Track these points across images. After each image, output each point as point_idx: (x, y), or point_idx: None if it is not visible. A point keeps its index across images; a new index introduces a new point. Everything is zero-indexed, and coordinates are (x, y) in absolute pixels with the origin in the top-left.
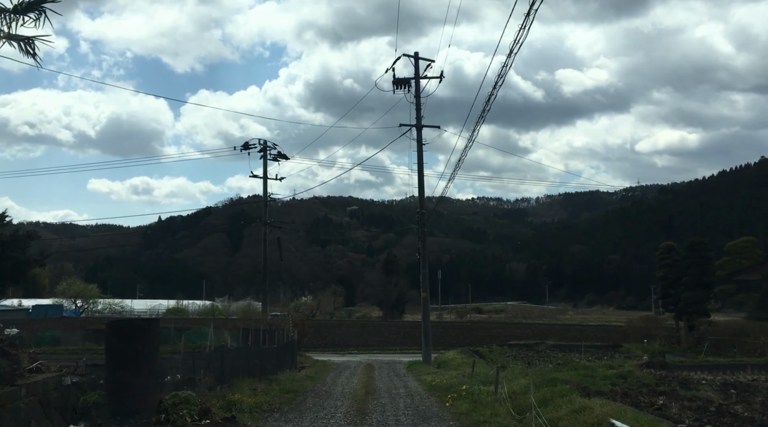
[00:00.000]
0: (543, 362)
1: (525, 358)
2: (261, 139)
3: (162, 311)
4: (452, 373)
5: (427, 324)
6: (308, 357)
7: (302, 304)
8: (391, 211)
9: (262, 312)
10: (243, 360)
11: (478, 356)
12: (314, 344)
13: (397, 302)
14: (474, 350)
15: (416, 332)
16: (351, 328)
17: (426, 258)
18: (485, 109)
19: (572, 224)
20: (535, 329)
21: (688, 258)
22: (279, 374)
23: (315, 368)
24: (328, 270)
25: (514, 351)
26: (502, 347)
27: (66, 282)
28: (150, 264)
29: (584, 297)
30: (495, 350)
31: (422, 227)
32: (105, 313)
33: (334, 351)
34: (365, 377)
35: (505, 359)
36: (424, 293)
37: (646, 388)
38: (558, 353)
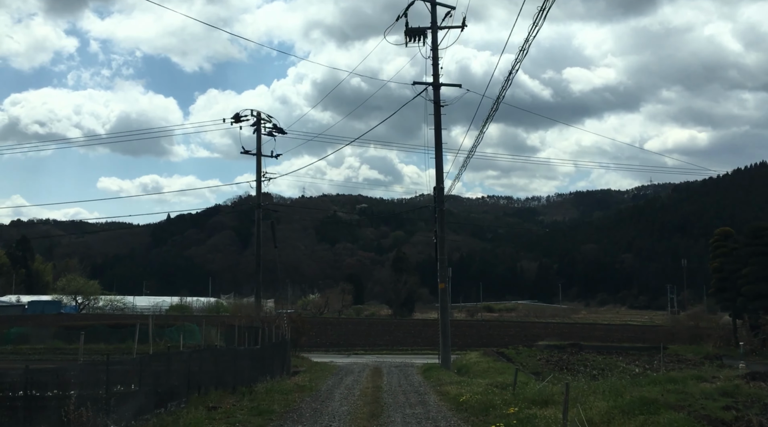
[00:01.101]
0: (584, 367)
1: (559, 362)
2: (253, 111)
3: (165, 308)
4: (481, 382)
5: (446, 321)
6: (306, 359)
7: (310, 302)
8: (401, 209)
9: (255, 307)
10: (211, 365)
11: (504, 359)
12: (317, 343)
13: (406, 300)
14: (498, 352)
15: (428, 331)
16: (358, 326)
17: (444, 243)
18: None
19: (584, 222)
20: (556, 329)
21: (750, 246)
22: (262, 382)
23: (312, 372)
24: (337, 268)
25: (545, 354)
26: (530, 348)
27: (66, 278)
28: (159, 262)
29: (596, 296)
30: (522, 351)
31: (440, 205)
32: (106, 310)
33: (339, 351)
34: (371, 386)
35: (536, 363)
36: (442, 283)
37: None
38: (597, 356)
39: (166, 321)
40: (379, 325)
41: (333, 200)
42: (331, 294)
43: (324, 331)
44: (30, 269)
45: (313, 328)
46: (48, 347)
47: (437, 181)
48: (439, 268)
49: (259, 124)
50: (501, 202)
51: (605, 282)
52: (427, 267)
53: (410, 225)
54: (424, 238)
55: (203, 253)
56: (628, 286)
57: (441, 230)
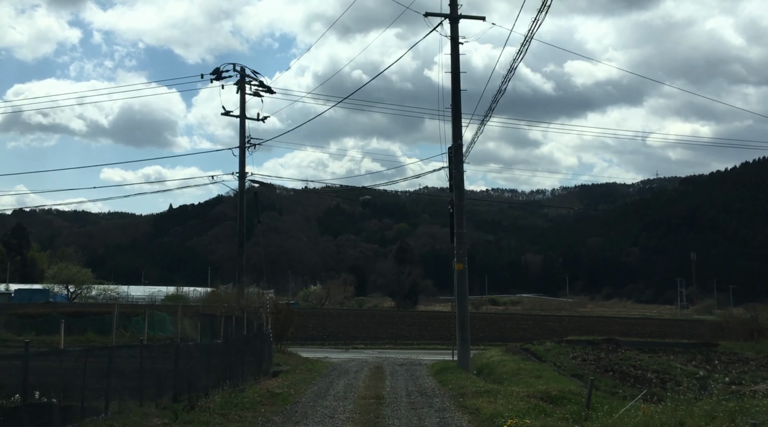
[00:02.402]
0: (634, 369)
1: (599, 361)
2: (236, 65)
3: (161, 297)
4: (518, 392)
5: (464, 311)
6: (293, 355)
7: (311, 293)
8: (404, 201)
9: (237, 294)
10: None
11: (533, 358)
12: (314, 336)
13: (410, 292)
14: (522, 348)
15: (434, 323)
16: (359, 318)
17: (462, 213)
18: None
19: (589, 216)
20: (573, 323)
21: None
22: (222, 389)
23: (296, 373)
24: (340, 260)
25: (578, 350)
26: (559, 344)
27: (58, 266)
28: (160, 252)
29: (601, 290)
30: (550, 348)
31: (458, 166)
32: (99, 299)
33: (336, 345)
34: (369, 395)
35: (572, 363)
36: (459, 263)
37: None
38: (640, 355)
39: (134, 310)
40: (381, 317)
41: (336, 192)
42: (333, 285)
43: (323, 323)
44: (25, 257)
45: (309, 319)
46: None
47: (454, 137)
48: (456, 245)
49: (243, 82)
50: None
51: (611, 276)
52: (431, 259)
53: (414, 217)
54: (428, 230)
55: (205, 244)
56: (634, 280)
57: (458, 197)
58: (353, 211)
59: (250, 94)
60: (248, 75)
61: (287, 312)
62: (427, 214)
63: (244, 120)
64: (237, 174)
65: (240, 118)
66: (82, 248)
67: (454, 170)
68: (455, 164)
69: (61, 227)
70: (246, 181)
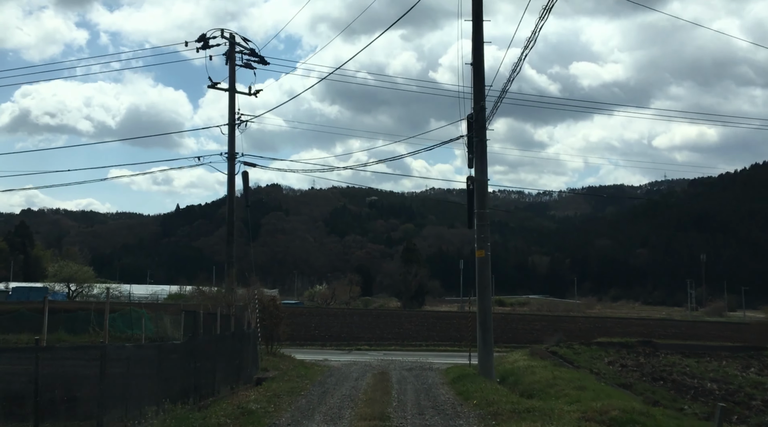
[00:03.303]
0: (687, 377)
1: (641, 367)
2: (225, 31)
3: (164, 296)
4: (567, 410)
5: (486, 307)
6: (287, 357)
7: (316, 293)
8: (411, 202)
9: (226, 289)
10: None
11: (565, 363)
12: (315, 336)
13: (417, 293)
14: (549, 351)
15: (442, 324)
16: (364, 318)
17: (486, 190)
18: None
19: (597, 217)
20: (591, 324)
21: None
22: (178, 405)
23: (286, 379)
24: (346, 261)
25: (612, 354)
26: (589, 346)
27: (58, 264)
28: (167, 252)
29: (609, 292)
30: (580, 350)
31: (479, 133)
32: (101, 298)
33: (339, 346)
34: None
35: (610, 369)
36: (481, 250)
37: None
38: (684, 359)
39: (114, 307)
40: (387, 317)
41: (343, 193)
42: (339, 285)
43: (325, 323)
44: (29, 255)
45: (311, 319)
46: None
47: (475, 98)
48: (477, 227)
49: (233, 51)
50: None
51: (618, 277)
52: (437, 260)
53: (420, 218)
54: (435, 231)
55: (211, 244)
56: (642, 281)
57: (480, 171)
58: (359, 212)
59: (240, 65)
60: (238, 43)
61: (274, 308)
62: (433, 215)
63: (234, 94)
64: (226, 154)
65: (229, 91)
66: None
67: (475, 138)
68: (476, 131)
69: (69, 227)
70: (236, 163)
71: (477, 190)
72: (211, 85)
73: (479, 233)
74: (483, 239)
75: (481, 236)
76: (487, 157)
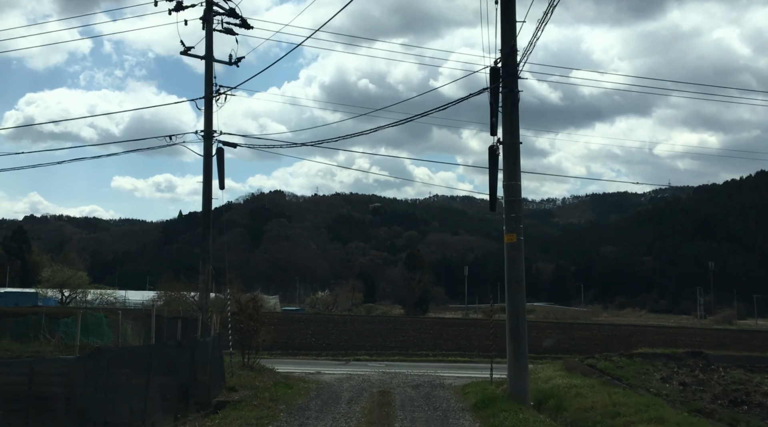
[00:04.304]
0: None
1: (703, 384)
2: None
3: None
4: None
5: (518, 306)
6: (268, 371)
7: (318, 299)
8: (414, 209)
9: (199, 291)
10: None
11: (614, 380)
12: (312, 344)
13: (420, 300)
14: (587, 364)
15: (450, 332)
16: (365, 325)
17: (517, 154)
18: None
19: (601, 224)
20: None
21: None
22: None
23: (256, 403)
24: (349, 268)
25: (661, 368)
26: (630, 358)
27: (51, 269)
28: (169, 259)
29: (614, 300)
30: (623, 364)
31: (509, 82)
32: (95, 303)
33: (335, 355)
34: None
35: (671, 388)
36: (511, 234)
37: None
38: (749, 375)
39: (69, 311)
40: (389, 323)
41: (346, 199)
42: (341, 292)
43: (324, 329)
44: (26, 260)
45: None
46: None
47: (504, 38)
48: (506, 203)
49: (210, 12)
50: None
51: (624, 285)
52: (441, 267)
53: (424, 225)
54: (438, 238)
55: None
56: (648, 289)
57: (511, 131)
58: (363, 219)
59: (219, 30)
60: (216, 3)
61: (253, 311)
62: (437, 222)
63: (211, 62)
64: (202, 133)
65: (205, 59)
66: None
67: (503, 89)
68: (504, 80)
69: (72, 233)
70: (214, 143)
71: (506, 155)
72: (184, 50)
73: (509, 212)
74: (514, 219)
75: (511, 216)
76: (518, 114)
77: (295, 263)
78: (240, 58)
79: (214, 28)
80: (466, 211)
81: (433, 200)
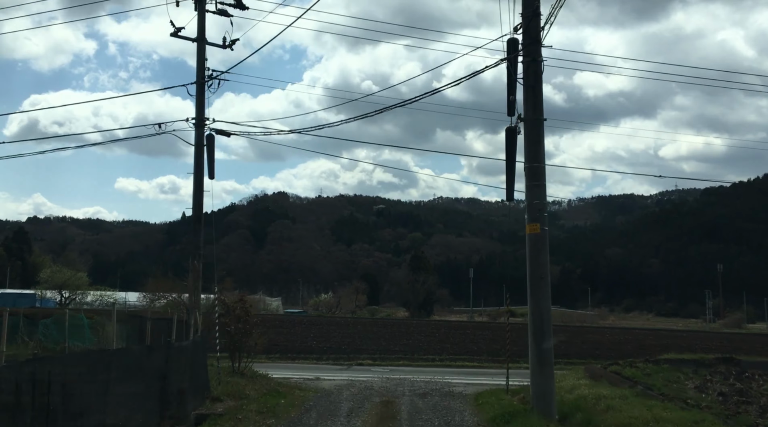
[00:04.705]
0: None
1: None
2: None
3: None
4: None
5: (542, 306)
6: (261, 378)
7: (321, 301)
8: (418, 211)
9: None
10: None
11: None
12: (312, 347)
13: (425, 302)
14: (612, 372)
15: (458, 334)
16: (369, 327)
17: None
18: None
19: (607, 227)
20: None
21: None
22: None
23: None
24: (353, 269)
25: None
26: (657, 364)
27: (50, 269)
28: (172, 260)
29: (621, 302)
30: (650, 371)
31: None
32: (95, 305)
33: (337, 360)
34: None
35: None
36: (534, 224)
37: None
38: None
39: (51, 312)
40: (394, 326)
41: (350, 201)
42: (344, 294)
43: (325, 333)
44: (27, 261)
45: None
46: None
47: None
48: (528, 189)
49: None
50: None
51: (631, 288)
52: (445, 269)
53: (428, 227)
54: (442, 240)
55: (217, 252)
56: (655, 292)
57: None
58: (367, 221)
59: (213, 11)
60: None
61: (242, 312)
62: (441, 224)
63: (204, 45)
64: (193, 120)
65: (197, 41)
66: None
67: (525, 59)
68: (526, 48)
69: (75, 235)
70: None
71: (528, 134)
72: (174, 32)
73: (531, 198)
74: (537, 207)
75: (533, 203)
76: (542, 87)
77: (298, 264)
78: (234, 40)
79: (207, 9)
80: (471, 213)
81: (437, 202)
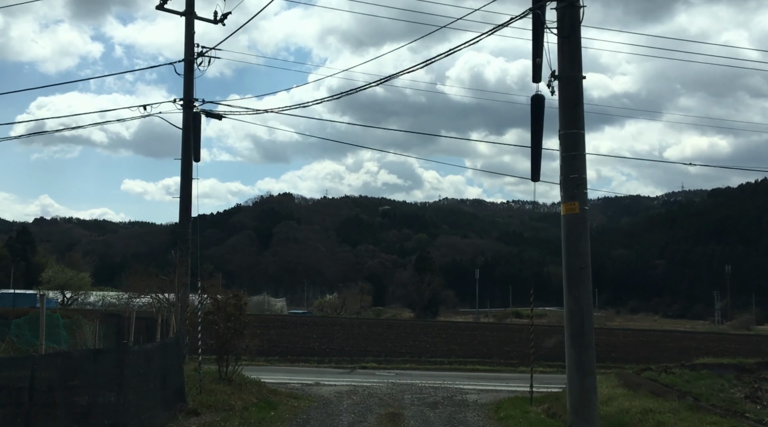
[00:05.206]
0: None
1: None
2: None
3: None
4: None
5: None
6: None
7: (326, 302)
8: (423, 212)
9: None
10: None
11: (694, 401)
12: (314, 349)
13: (430, 303)
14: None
15: (467, 336)
16: (374, 328)
17: (579, 92)
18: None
19: (612, 228)
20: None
21: None
22: None
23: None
24: (358, 270)
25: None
26: (694, 370)
27: (52, 270)
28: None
29: (627, 304)
30: (689, 378)
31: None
32: (97, 305)
33: (340, 362)
34: None
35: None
36: (572, 203)
37: None
38: None
39: (25, 311)
40: (400, 327)
41: (355, 202)
42: (350, 295)
43: (329, 333)
44: (30, 262)
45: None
46: None
47: None
48: (564, 160)
49: None
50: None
51: (637, 289)
52: (451, 270)
53: (433, 228)
54: (448, 241)
55: (222, 253)
56: (661, 293)
57: (571, 63)
58: (372, 222)
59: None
60: None
61: (234, 310)
62: (446, 225)
63: (192, 19)
64: (181, 101)
65: (185, 15)
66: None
67: (562, 4)
68: None
69: (81, 236)
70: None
71: (564, 94)
72: (159, 4)
73: (568, 171)
74: (575, 182)
75: (570, 177)
76: (580, 40)
77: (303, 265)
78: (226, 13)
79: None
80: (476, 214)
81: (442, 203)
